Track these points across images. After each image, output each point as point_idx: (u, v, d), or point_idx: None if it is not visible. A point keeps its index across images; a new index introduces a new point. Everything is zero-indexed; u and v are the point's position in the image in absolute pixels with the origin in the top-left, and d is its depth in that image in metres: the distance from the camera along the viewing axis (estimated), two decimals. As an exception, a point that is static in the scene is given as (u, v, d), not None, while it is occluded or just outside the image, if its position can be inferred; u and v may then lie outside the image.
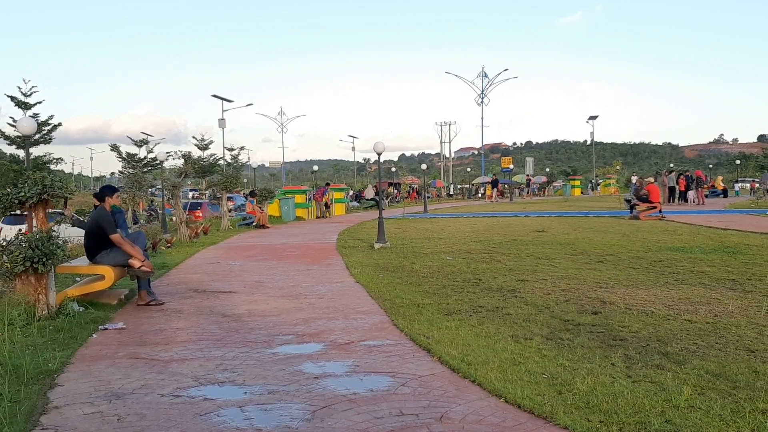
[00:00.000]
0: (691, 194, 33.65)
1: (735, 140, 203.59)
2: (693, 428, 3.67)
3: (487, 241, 14.82)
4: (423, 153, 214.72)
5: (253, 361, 5.42)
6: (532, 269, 10.23)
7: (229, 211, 24.06)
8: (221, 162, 26.91)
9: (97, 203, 8.61)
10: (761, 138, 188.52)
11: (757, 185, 37.84)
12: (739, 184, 54.16)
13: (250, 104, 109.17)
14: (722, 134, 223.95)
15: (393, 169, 69.83)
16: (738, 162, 77.36)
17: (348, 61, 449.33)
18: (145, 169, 23.85)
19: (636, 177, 27.35)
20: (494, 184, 47.39)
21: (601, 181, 64.98)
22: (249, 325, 6.82)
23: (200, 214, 23.46)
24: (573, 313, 6.94)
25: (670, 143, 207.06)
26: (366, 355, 5.51)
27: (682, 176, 36.28)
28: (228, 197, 24.27)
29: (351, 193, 43.89)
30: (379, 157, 15.93)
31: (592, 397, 4.23)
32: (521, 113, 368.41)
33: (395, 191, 51.18)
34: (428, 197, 47.06)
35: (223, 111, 53.41)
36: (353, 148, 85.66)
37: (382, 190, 24.98)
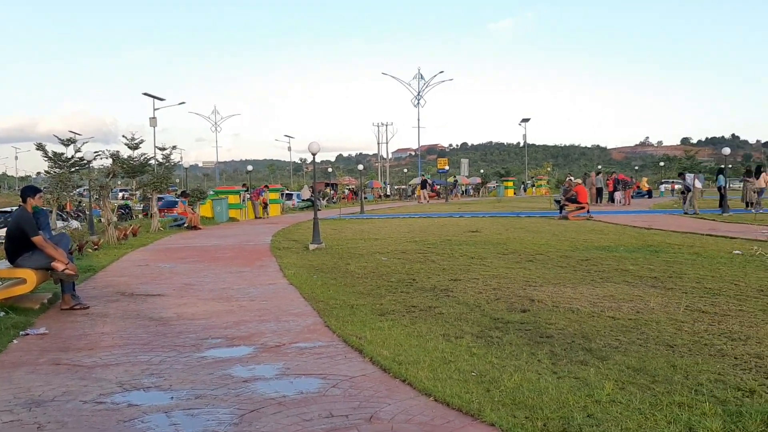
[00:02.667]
0: (617, 195, 34.80)
1: (659, 143, 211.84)
2: (614, 422, 3.79)
3: (422, 242, 14.95)
4: (361, 153, 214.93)
5: (180, 366, 5.30)
6: (465, 269, 10.37)
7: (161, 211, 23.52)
8: (152, 162, 26.19)
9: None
10: (684, 141, 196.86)
11: (678, 186, 39.42)
12: (664, 186, 56.28)
13: (183, 103, 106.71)
14: (648, 137, 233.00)
15: (330, 170, 69.49)
16: (662, 164, 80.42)
17: (284, 60, 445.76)
18: (72, 169, 22.92)
19: (572, 177, 28.07)
20: (423, 184, 47.72)
21: (531, 184, 66.38)
22: (177, 329, 6.67)
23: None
24: (503, 311, 7.07)
25: (598, 145, 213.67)
26: (297, 358, 5.46)
27: (610, 178, 37.52)
28: (159, 198, 23.70)
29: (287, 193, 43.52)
30: (314, 158, 15.85)
31: (518, 393, 4.32)
32: (457, 115, 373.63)
33: (332, 192, 51.02)
34: (366, 198, 47.15)
35: (155, 109, 52.23)
36: (289, 148, 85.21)
37: (318, 190, 24.87)
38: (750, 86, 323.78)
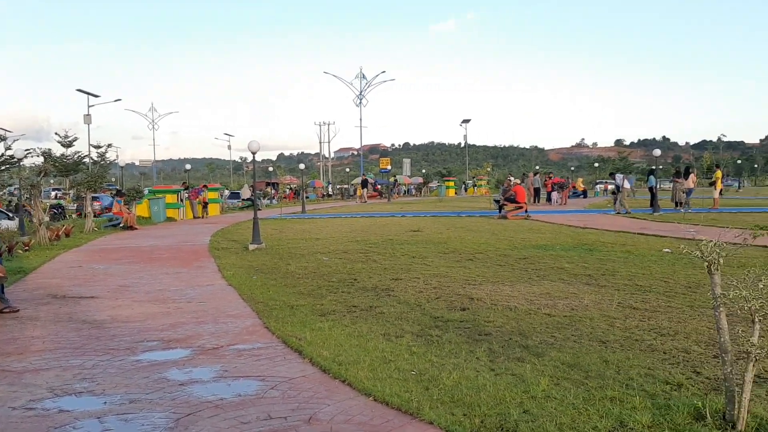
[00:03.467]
0: (554, 195, 35.59)
1: (594, 144, 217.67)
2: (548, 417, 3.87)
3: (364, 241, 14.96)
4: (302, 153, 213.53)
5: (114, 370, 5.17)
6: (406, 268, 10.42)
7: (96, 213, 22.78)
8: (87, 160, 25.25)
9: None
10: (618, 142, 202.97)
11: (610, 187, 40.60)
12: (598, 186, 57.89)
13: (119, 100, 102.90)
14: (583, 138, 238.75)
15: (271, 169, 68.83)
16: (597, 165, 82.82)
17: (224, 57, 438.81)
18: (2, 168, 21.88)
19: (512, 177, 28.56)
20: (364, 184, 47.70)
21: (472, 184, 67.25)
22: (111, 332, 6.49)
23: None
24: (443, 309, 7.14)
25: (536, 146, 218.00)
26: (235, 360, 5.39)
27: (549, 179, 38.38)
28: (93, 197, 23.01)
29: (227, 192, 42.85)
30: (254, 157, 15.67)
31: (456, 391, 4.37)
32: (399, 115, 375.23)
33: (273, 191, 50.55)
34: (308, 197, 46.88)
35: (89, 106, 50.62)
36: (229, 147, 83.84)
37: (259, 190, 24.59)
38: (680, 90, 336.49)
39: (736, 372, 3.77)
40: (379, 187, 57.49)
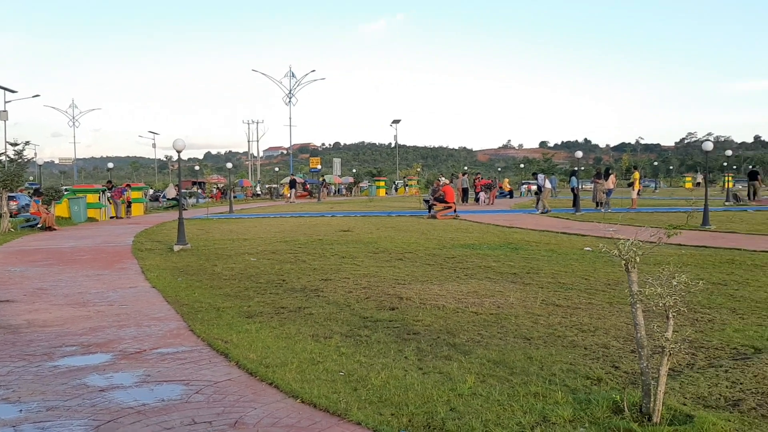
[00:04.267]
0: (482, 195, 36.25)
1: (520, 146, 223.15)
2: (474, 414, 3.94)
3: (293, 242, 14.83)
4: (230, 151, 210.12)
5: (30, 376, 4.94)
6: (336, 268, 10.39)
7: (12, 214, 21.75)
8: (2, 158, 23.94)
9: None
10: (542, 144, 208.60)
11: (533, 187, 41.67)
12: (524, 186, 59.35)
13: (37, 95, 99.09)
14: (510, 140, 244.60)
15: (197, 168, 67.44)
16: (522, 166, 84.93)
17: (150, 52, 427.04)
18: None
19: (443, 177, 28.89)
20: (292, 184, 47.23)
21: (403, 184, 67.77)
22: (28, 337, 6.21)
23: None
24: (372, 309, 7.16)
25: (465, 147, 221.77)
26: (158, 364, 5.25)
27: (478, 179, 39.06)
28: (10, 196, 21.97)
29: (151, 192, 41.72)
30: (179, 155, 15.29)
31: (385, 391, 4.39)
32: (330, 114, 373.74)
33: (200, 190, 49.50)
34: (236, 197, 46.12)
35: (6, 102, 48.43)
36: (154, 145, 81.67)
37: (184, 189, 24.02)
38: (601, 94, 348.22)
39: (652, 366, 3.93)
40: (309, 186, 57.18)
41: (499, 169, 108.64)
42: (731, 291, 7.91)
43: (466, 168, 77.80)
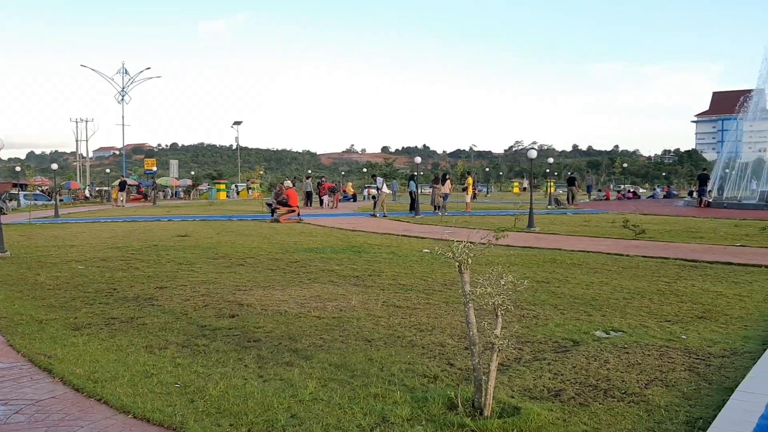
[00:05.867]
0: (326, 199, 36.47)
1: (363, 150, 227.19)
2: (315, 420, 3.93)
3: (126, 248, 14.04)
4: (56, 151, 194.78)
5: None
6: (172, 275, 9.97)
7: None
8: None
9: None
10: (384, 149, 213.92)
11: (373, 191, 42.67)
12: (366, 190, 60.51)
13: None
14: (353, 144, 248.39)
15: (18, 169, 61.92)
16: (365, 170, 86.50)
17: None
18: None
19: (288, 180, 28.61)
20: (122, 186, 44.63)
21: (247, 187, 66.54)
22: None
23: None
24: (211, 318, 6.94)
25: (309, 151, 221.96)
26: (-32, 385, 4.73)
27: (323, 183, 39.23)
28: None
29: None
30: (-5, 155, 13.98)
31: (224, 401, 4.26)
32: (167, 114, 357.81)
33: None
34: (62, 200, 42.85)
35: None
36: (-34, 143, 73.49)
37: (3, 192, 21.96)
38: (437, 102, 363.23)
39: (483, 362, 4.14)
40: (143, 189, 54.45)
41: (343, 173, 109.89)
42: (553, 288, 8.54)
43: (309, 171, 77.91)
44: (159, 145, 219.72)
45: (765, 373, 4.71)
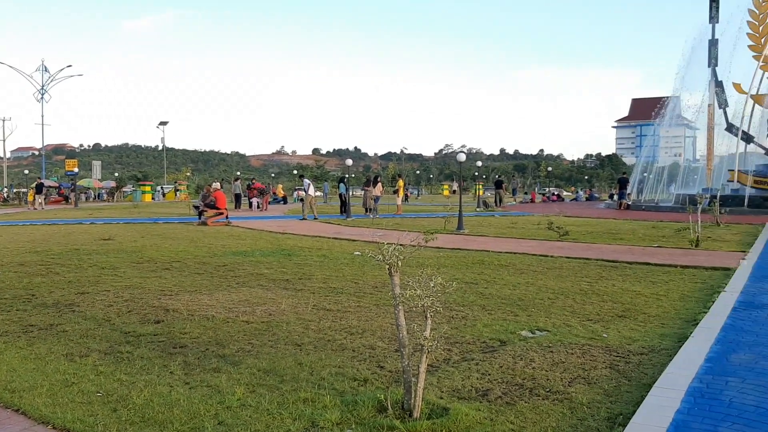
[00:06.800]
0: (255, 201, 36.03)
1: (294, 152, 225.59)
2: (243, 426, 3.87)
3: (45, 252, 13.47)
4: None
5: None
6: (94, 280, 9.63)
7: None
8: None
9: None
10: (315, 151, 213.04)
11: (302, 193, 42.40)
12: (296, 192, 60.13)
13: None
14: (283, 146, 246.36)
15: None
16: (296, 172, 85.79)
17: None
18: None
19: (217, 182, 28.08)
20: (39, 188, 42.69)
21: (175, 188, 64.96)
22: None
23: None
24: (135, 324, 6.74)
25: (238, 152, 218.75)
26: None
27: (253, 184, 38.73)
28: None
29: None
30: None
31: (148, 409, 4.15)
32: (90, 114, 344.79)
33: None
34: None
35: None
36: None
37: None
38: (368, 105, 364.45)
39: (413, 364, 4.17)
40: (64, 191, 52.42)
41: (273, 174, 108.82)
42: (481, 289, 8.71)
43: (238, 173, 76.75)
44: (81, 145, 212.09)
45: (681, 369, 4.94)
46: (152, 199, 59.88)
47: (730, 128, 34.72)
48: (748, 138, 34.72)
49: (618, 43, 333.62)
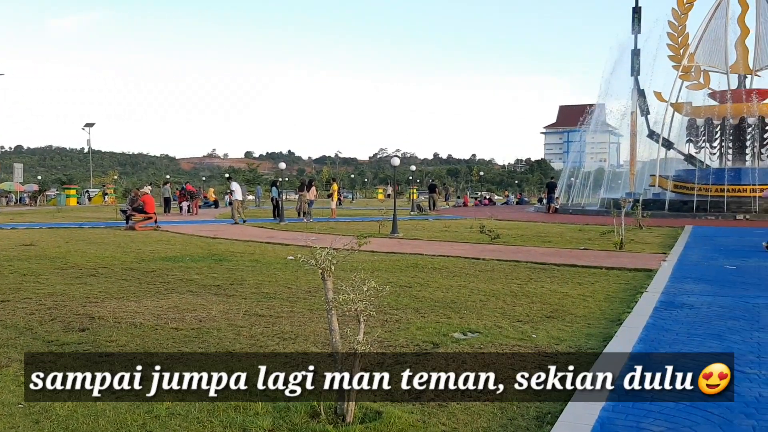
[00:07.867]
0: (185, 205, 35.28)
1: (226, 155, 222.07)
2: (172, 435, 3.79)
3: (-40, 258, 12.83)
4: None
5: None
6: (15, 288, 9.23)
7: None
8: None
9: None
10: (247, 154, 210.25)
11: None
12: (227, 196, 59.20)
13: None
14: (215, 149, 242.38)
15: None
16: (228, 175, 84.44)
17: None
18: None
19: (148, 186, 27.31)
20: None
21: (104, 192, 62.90)
22: None
23: None
24: (59, 332, 6.49)
25: (167, 155, 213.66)
26: None
27: (186, 187, 37.92)
28: None
29: None
30: None
31: (72, 420, 4.02)
32: (11, 114, 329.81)
33: None
34: None
35: None
36: None
37: None
38: (302, 108, 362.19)
39: (346, 368, 4.17)
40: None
41: (204, 178, 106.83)
42: (415, 292, 8.78)
43: (168, 176, 74.98)
44: (2, 147, 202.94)
45: (605, 368, 5.10)
46: (77, 203, 57.80)
47: (652, 135, 36.14)
48: (668, 144, 36.25)
49: (547, 52, 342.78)
